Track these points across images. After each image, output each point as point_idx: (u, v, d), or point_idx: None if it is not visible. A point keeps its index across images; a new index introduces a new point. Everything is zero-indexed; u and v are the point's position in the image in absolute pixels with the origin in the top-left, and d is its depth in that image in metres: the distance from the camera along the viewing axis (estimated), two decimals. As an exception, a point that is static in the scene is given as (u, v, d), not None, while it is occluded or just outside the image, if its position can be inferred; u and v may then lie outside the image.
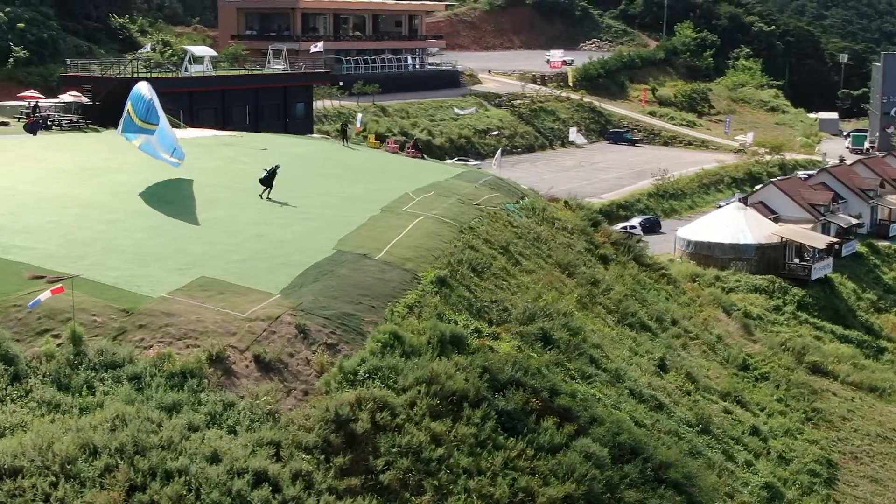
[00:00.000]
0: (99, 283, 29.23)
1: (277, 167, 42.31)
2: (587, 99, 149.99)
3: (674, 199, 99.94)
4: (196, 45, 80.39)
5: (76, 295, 27.11)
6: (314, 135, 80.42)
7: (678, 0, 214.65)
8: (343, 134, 59.58)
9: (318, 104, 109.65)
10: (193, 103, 69.53)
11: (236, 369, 26.65)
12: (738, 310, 56.81)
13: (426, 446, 25.71)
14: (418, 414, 26.57)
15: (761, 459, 39.12)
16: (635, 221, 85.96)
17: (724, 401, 43.02)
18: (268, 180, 41.89)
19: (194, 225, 36.53)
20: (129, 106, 43.37)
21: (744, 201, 77.58)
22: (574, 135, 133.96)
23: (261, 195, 41.69)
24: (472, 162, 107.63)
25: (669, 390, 38.71)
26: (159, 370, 25.59)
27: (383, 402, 26.23)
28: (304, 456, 23.91)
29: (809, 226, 74.78)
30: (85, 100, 63.83)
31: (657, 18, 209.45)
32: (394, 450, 25.24)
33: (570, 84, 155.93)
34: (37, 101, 61.94)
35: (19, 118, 60.97)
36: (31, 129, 55.10)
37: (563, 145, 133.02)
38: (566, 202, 56.21)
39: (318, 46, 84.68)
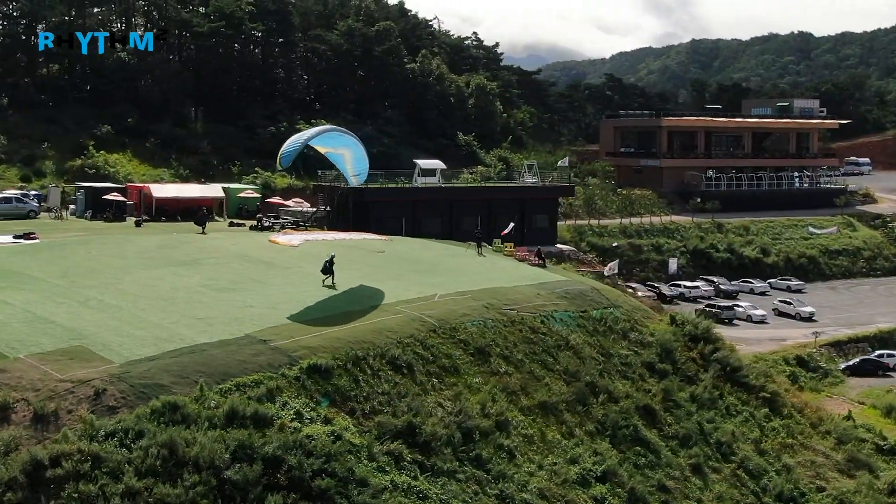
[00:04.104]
0: (-17, 345, 36.25)
1: (333, 256, 48.79)
2: None
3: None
4: (428, 160, 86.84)
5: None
6: (558, 245, 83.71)
7: None
8: (477, 242, 62.96)
9: (647, 220, 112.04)
10: (417, 213, 76.06)
11: (14, 418, 32.17)
12: (854, 441, 51.94)
13: (111, 495, 29.44)
14: (129, 470, 30.29)
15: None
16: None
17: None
18: (327, 269, 48.33)
19: (162, 304, 42.70)
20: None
21: None
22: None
23: (324, 282, 48.20)
24: (758, 283, 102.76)
25: (570, 499, 38.09)
26: (-71, 411, 31.82)
27: (95, 456, 30.38)
28: (-19, 489, 28.89)
29: None
30: (307, 205, 72.79)
31: None
32: (75, 495, 29.31)
33: None
34: (258, 204, 72.03)
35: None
36: (200, 221, 64.62)
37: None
38: (672, 317, 55.13)
39: (564, 161, 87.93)
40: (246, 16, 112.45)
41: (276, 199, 77.16)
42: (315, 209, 75.75)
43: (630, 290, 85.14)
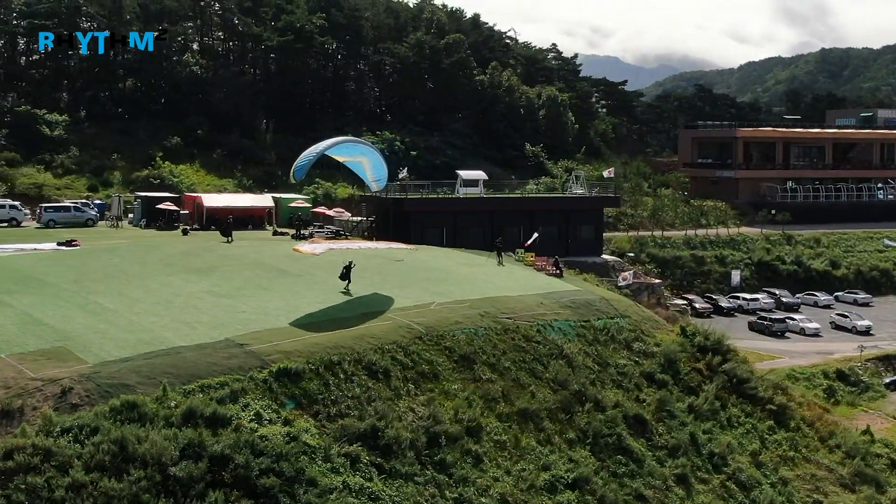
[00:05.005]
0: (-27, 343, 38.35)
1: (352, 263, 50.34)
2: None
3: None
4: (470, 171, 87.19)
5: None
6: (604, 257, 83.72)
7: None
8: (498, 252, 63.55)
9: (723, 231, 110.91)
10: (458, 223, 76.95)
11: (-19, 413, 34.15)
12: (865, 456, 51.07)
13: (56, 487, 31.05)
14: (78, 464, 31.87)
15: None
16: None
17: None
18: (345, 275, 50.05)
19: (157, 308, 44.47)
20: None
21: None
22: None
23: (343, 289, 49.88)
24: (822, 296, 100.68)
25: (534, 505, 38.56)
26: None
27: (47, 450, 32.05)
28: (-65, 477, 30.80)
29: None
30: (347, 215, 74.41)
31: None
32: (22, 486, 31.00)
33: None
34: (299, 213, 73.91)
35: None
36: (225, 230, 66.52)
37: None
38: (682, 328, 54.96)
39: (609, 172, 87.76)
40: (316, 30, 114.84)
41: (320, 209, 78.95)
42: (360, 219, 77.26)
43: (684, 302, 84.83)
